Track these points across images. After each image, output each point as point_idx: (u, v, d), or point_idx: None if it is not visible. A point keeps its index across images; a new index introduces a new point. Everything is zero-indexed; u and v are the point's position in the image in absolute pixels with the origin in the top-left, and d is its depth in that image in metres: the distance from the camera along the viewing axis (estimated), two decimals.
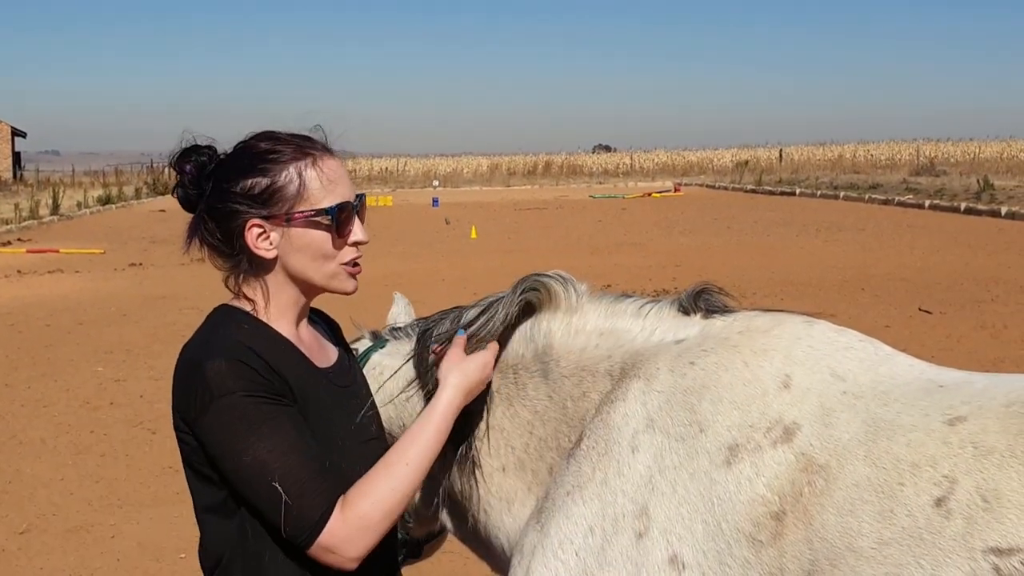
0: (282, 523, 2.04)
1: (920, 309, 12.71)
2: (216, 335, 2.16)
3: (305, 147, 2.20)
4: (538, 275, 2.44)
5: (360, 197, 2.28)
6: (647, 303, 2.37)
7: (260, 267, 2.22)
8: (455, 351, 2.32)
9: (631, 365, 2.25)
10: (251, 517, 2.12)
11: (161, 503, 6.75)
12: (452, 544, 2.84)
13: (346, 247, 2.21)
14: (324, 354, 2.32)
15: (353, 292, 2.26)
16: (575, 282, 2.44)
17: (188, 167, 2.21)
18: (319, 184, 2.17)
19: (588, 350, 2.34)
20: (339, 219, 2.18)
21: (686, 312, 2.30)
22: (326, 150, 2.24)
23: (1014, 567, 1.71)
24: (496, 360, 2.41)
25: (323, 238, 2.18)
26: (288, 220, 2.17)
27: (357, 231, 2.22)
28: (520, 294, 2.40)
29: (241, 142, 2.24)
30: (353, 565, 2.08)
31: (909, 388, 2.02)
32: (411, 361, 2.53)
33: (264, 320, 2.22)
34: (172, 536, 6.14)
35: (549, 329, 2.40)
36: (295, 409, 2.11)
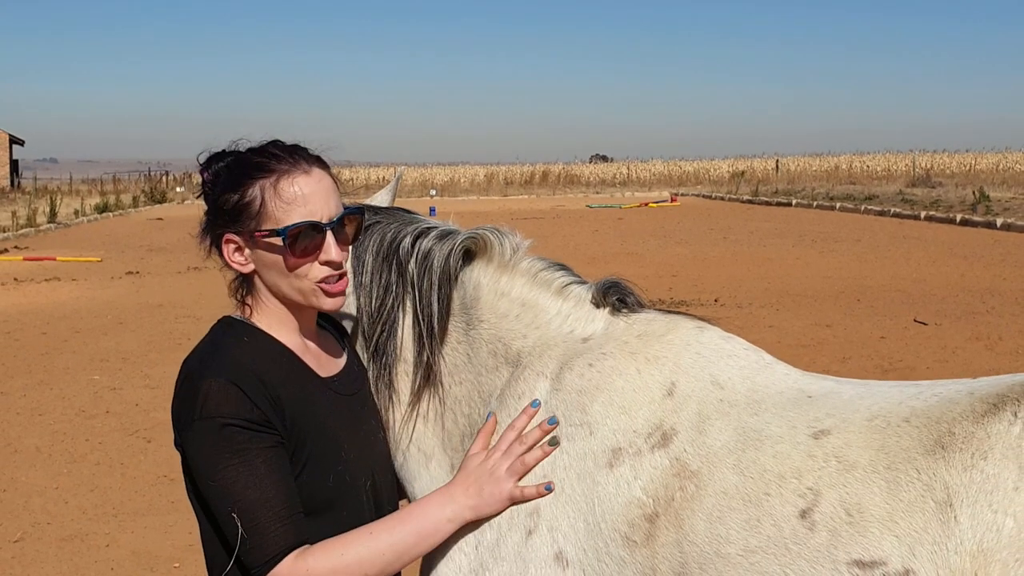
0: (237, 551, 2.08)
1: (915, 320, 12.73)
2: (216, 350, 2.17)
3: (272, 164, 2.18)
4: (477, 228, 2.45)
5: (349, 211, 2.24)
6: (572, 282, 2.40)
7: (247, 279, 2.25)
8: (479, 447, 2.22)
9: (538, 356, 2.30)
10: None
11: (156, 512, 6.74)
12: None
13: (315, 265, 2.17)
14: (331, 362, 2.33)
15: (332, 310, 2.24)
16: (512, 236, 2.45)
17: (206, 174, 2.26)
18: (277, 204, 2.15)
19: (508, 319, 2.36)
20: (293, 240, 2.14)
21: (597, 305, 2.35)
22: (304, 165, 2.19)
23: None
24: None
25: (281, 257, 2.17)
26: (252, 238, 2.19)
27: (329, 250, 2.17)
28: (460, 242, 2.39)
29: (239, 153, 2.24)
30: None
31: (781, 398, 2.08)
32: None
33: (265, 330, 2.23)
34: (166, 545, 6.12)
35: (479, 282, 2.40)
36: (277, 441, 2.11)
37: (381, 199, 2.72)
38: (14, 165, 67.16)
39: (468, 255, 2.42)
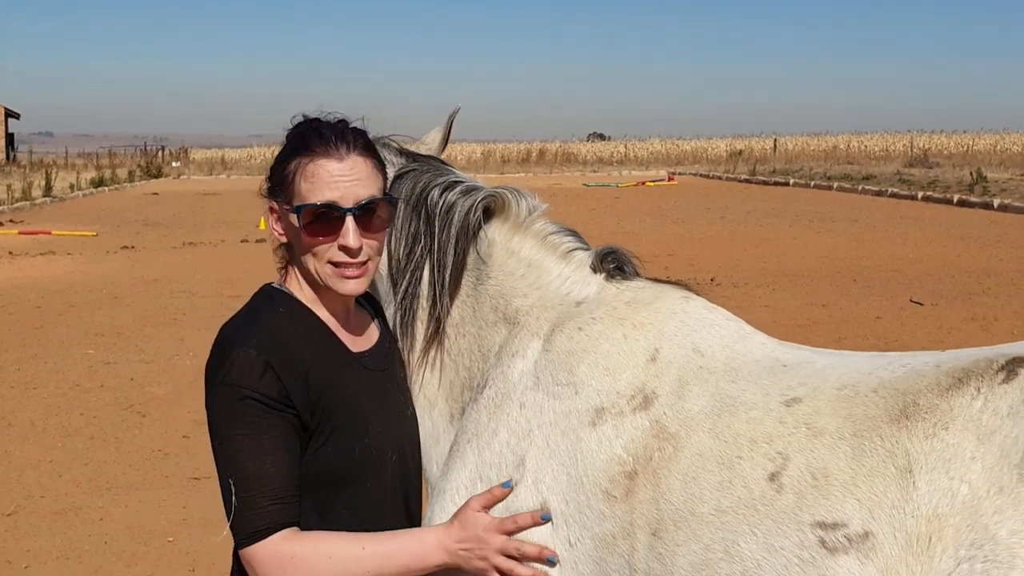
0: (226, 514, 2.14)
1: (911, 300, 12.75)
2: (254, 320, 2.22)
3: (313, 143, 2.21)
4: (498, 187, 2.55)
5: (379, 200, 2.23)
6: (578, 248, 2.49)
7: (289, 250, 2.30)
8: (478, 505, 2.21)
9: (535, 316, 2.40)
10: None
11: (149, 486, 6.74)
12: None
13: (332, 248, 2.19)
14: (363, 338, 2.37)
15: (348, 294, 2.25)
16: (530, 198, 2.54)
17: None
18: (302, 182, 2.20)
19: (514, 278, 2.47)
20: (308, 219, 2.18)
21: (594, 270, 2.45)
22: (342, 150, 2.20)
23: (838, 540, 1.86)
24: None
25: (298, 234, 2.21)
26: (283, 211, 2.24)
27: (346, 235, 2.18)
28: (481, 199, 2.49)
29: (298, 126, 2.29)
30: None
31: (757, 366, 2.17)
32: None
33: (303, 301, 2.28)
34: (160, 519, 6.11)
35: (493, 239, 2.51)
36: (290, 421, 2.14)
37: (432, 138, 2.84)
38: (10, 138, 66.98)
39: (487, 212, 2.50)
